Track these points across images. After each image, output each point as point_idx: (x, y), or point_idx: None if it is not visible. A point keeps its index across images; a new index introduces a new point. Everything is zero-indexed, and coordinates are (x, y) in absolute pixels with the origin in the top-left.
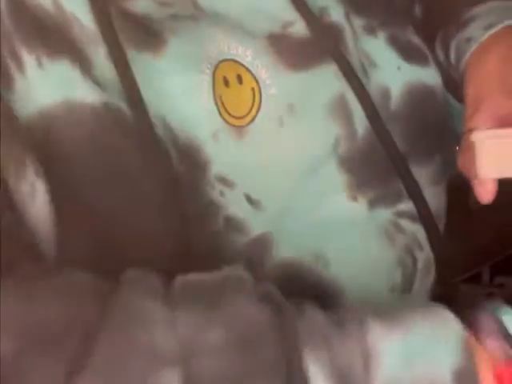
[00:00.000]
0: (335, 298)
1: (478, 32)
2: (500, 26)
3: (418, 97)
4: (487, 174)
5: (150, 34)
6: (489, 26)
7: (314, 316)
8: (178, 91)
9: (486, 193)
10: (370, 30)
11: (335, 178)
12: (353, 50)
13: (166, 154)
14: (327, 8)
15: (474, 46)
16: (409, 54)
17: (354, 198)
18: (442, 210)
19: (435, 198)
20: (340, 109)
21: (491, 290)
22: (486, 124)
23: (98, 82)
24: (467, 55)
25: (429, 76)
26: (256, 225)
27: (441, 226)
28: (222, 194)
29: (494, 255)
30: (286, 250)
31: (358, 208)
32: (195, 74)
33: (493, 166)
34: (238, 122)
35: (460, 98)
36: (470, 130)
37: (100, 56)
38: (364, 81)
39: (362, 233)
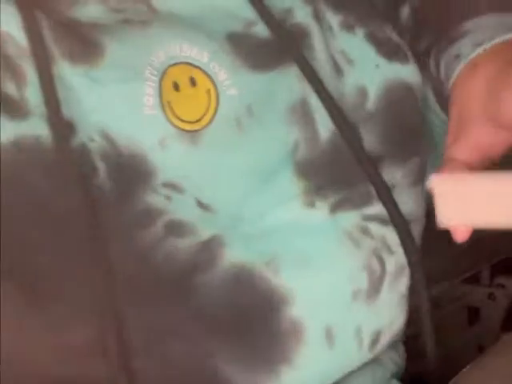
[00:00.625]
0: (286, 305)
1: (467, 49)
2: (490, 43)
3: (397, 95)
4: (447, 222)
5: (88, 45)
6: (479, 43)
7: None
8: (118, 101)
9: (458, 234)
10: (348, 27)
11: (290, 185)
12: (321, 50)
13: (85, 177)
14: (292, 9)
15: (461, 64)
16: (388, 51)
17: (312, 204)
18: (420, 212)
19: (412, 200)
20: (301, 113)
21: (491, 291)
22: (463, 155)
23: (22, 107)
24: (455, 73)
25: (408, 74)
26: (206, 228)
27: (419, 229)
28: (167, 198)
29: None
30: (237, 254)
31: (316, 214)
32: (136, 82)
33: (453, 215)
34: (191, 127)
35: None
36: (448, 160)
37: (32, 74)
38: (334, 82)
39: (321, 238)
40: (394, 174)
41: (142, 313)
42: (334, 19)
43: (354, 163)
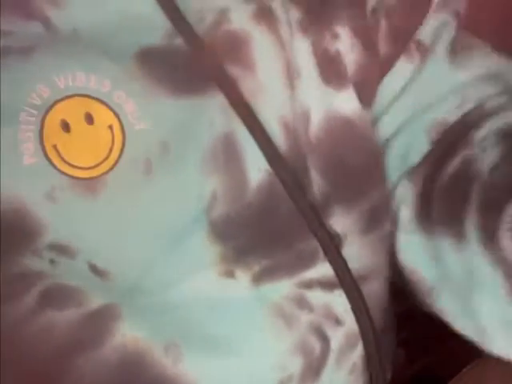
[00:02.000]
0: None
1: None
2: None
3: (336, 129)
4: None
5: None
6: None
7: None
8: None
9: None
10: (303, 29)
11: (203, 250)
12: (269, 62)
13: None
14: (226, 11)
15: None
16: (325, 69)
17: (230, 274)
18: (381, 263)
19: (365, 250)
20: (223, 154)
21: None
22: None
23: None
24: None
25: (344, 103)
26: (98, 296)
27: (380, 284)
28: (52, 263)
29: None
30: (131, 329)
31: (234, 286)
32: (8, 129)
33: None
34: (87, 174)
35: None
36: None
37: None
38: (282, 99)
39: (239, 317)
40: (342, 223)
41: None
42: (294, 15)
43: (293, 214)
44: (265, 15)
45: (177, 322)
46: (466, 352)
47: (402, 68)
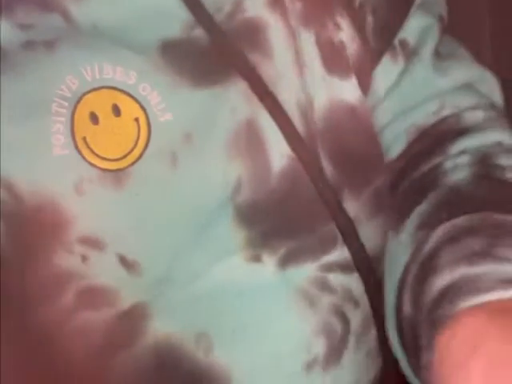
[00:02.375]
0: None
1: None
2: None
3: (341, 115)
4: None
5: None
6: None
7: None
8: (19, 145)
9: None
10: (306, 19)
11: (230, 236)
12: (283, 46)
13: None
14: (241, 0)
15: (440, 329)
16: (329, 59)
17: (256, 259)
18: (381, 249)
19: (372, 234)
20: (246, 140)
21: None
22: None
23: None
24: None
25: (350, 91)
26: (128, 294)
27: (380, 270)
28: (84, 258)
29: None
30: (162, 326)
31: (261, 271)
32: (40, 120)
33: None
34: (114, 165)
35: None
36: None
37: None
38: (298, 83)
39: (266, 301)
40: (353, 208)
41: None
42: (297, 4)
43: (314, 199)
44: (277, 3)
45: (206, 312)
46: None
47: (388, 69)
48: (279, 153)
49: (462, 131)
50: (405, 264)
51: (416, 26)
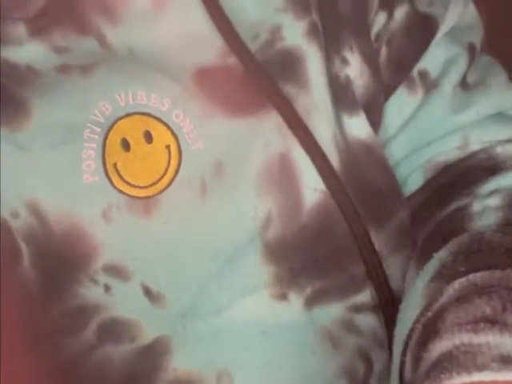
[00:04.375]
0: None
1: None
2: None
3: (357, 152)
4: None
5: (10, 103)
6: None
7: None
8: (49, 169)
9: None
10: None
11: (257, 272)
12: (320, 75)
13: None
14: (280, 27)
15: None
16: (336, 94)
17: (283, 297)
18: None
19: (397, 270)
20: (279, 174)
21: None
22: None
23: None
24: None
25: (358, 128)
26: (151, 328)
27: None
28: (107, 289)
29: None
30: (183, 363)
31: (286, 309)
32: (71, 145)
33: None
34: (143, 193)
35: None
36: None
37: None
38: (334, 115)
39: (290, 341)
40: (378, 243)
41: None
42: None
43: (345, 235)
44: (315, 32)
45: (228, 348)
46: None
47: (403, 101)
48: (312, 188)
49: (494, 169)
50: (412, 322)
51: (439, 56)
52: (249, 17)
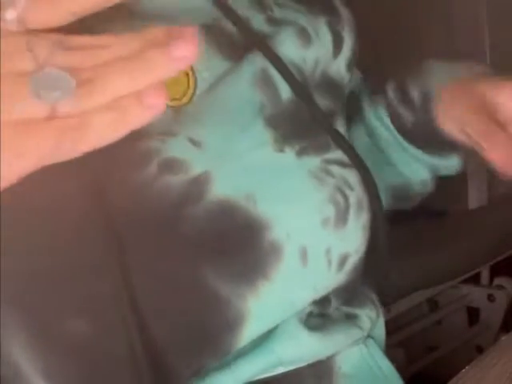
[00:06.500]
0: (265, 230)
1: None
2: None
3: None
4: None
5: None
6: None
7: None
8: None
9: None
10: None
11: (262, 134)
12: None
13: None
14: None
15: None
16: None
17: (281, 150)
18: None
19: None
20: (263, 81)
21: (491, 292)
22: None
23: None
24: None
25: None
26: (197, 164)
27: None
28: (162, 141)
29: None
30: (222, 189)
31: (285, 157)
32: None
33: None
34: (174, 103)
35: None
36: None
37: None
38: (300, 51)
39: (290, 177)
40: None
41: (138, 238)
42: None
43: (311, 119)
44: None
45: (251, 180)
46: (465, 352)
47: None
48: (285, 92)
49: None
50: None
51: None
52: None
